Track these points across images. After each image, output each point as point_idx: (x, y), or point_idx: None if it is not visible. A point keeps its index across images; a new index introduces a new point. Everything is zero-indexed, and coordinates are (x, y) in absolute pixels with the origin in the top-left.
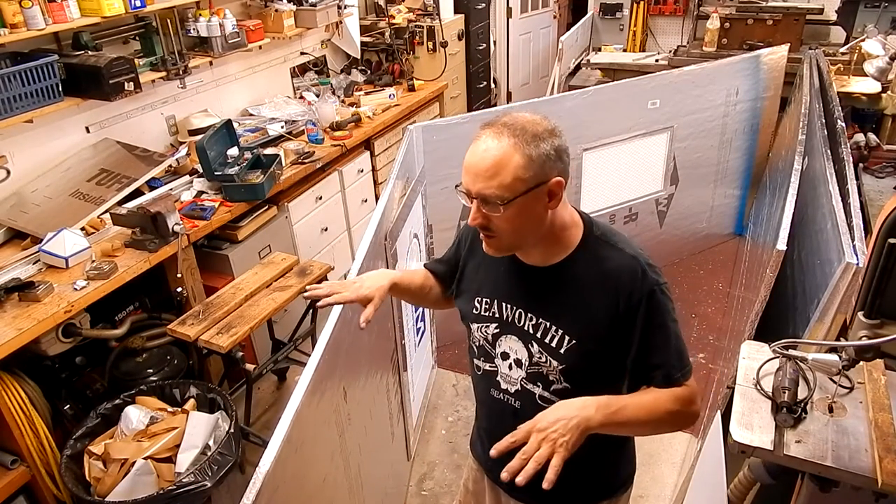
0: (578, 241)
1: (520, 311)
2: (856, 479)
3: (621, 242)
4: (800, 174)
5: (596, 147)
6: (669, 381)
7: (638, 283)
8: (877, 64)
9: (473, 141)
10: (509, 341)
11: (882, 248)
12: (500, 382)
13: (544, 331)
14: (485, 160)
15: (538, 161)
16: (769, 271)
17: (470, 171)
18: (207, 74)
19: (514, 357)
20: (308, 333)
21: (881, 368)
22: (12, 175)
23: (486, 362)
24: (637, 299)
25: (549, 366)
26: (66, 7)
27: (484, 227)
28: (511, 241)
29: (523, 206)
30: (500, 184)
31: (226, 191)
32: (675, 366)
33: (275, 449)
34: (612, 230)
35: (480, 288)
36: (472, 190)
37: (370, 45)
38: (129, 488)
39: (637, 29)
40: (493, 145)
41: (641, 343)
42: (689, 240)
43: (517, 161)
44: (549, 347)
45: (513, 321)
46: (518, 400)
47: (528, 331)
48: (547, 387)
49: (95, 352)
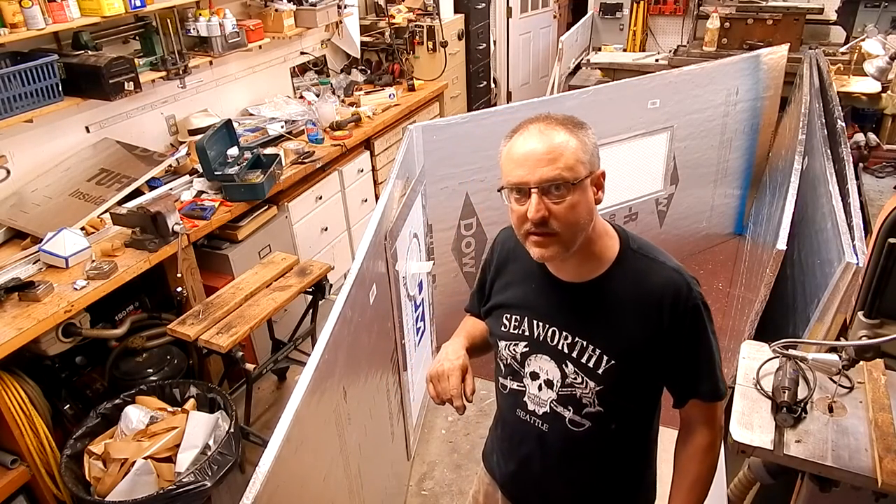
0: (615, 254)
1: (553, 329)
2: (856, 478)
3: (662, 255)
4: (800, 174)
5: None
6: (716, 394)
7: (683, 298)
8: (877, 64)
9: (514, 139)
10: (540, 361)
11: (882, 248)
12: (528, 403)
13: (580, 350)
14: (542, 147)
15: (591, 147)
16: (769, 271)
17: (526, 162)
18: (207, 74)
19: (544, 377)
20: (308, 333)
21: (881, 368)
22: (12, 175)
23: (514, 381)
24: (682, 315)
25: (585, 387)
26: (66, 7)
27: (543, 222)
28: (570, 236)
29: (583, 194)
30: (565, 165)
31: (226, 191)
32: (719, 378)
33: (275, 449)
34: (648, 243)
35: (510, 305)
36: (532, 179)
37: (370, 44)
38: (129, 488)
39: (637, 29)
40: (547, 133)
41: (688, 359)
42: (689, 240)
43: (575, 144)
44: (586, 368)
45: (545, 340)
46: (546, 423)
47: (563, 350)
48: (579, 410)
49: (95, 352)
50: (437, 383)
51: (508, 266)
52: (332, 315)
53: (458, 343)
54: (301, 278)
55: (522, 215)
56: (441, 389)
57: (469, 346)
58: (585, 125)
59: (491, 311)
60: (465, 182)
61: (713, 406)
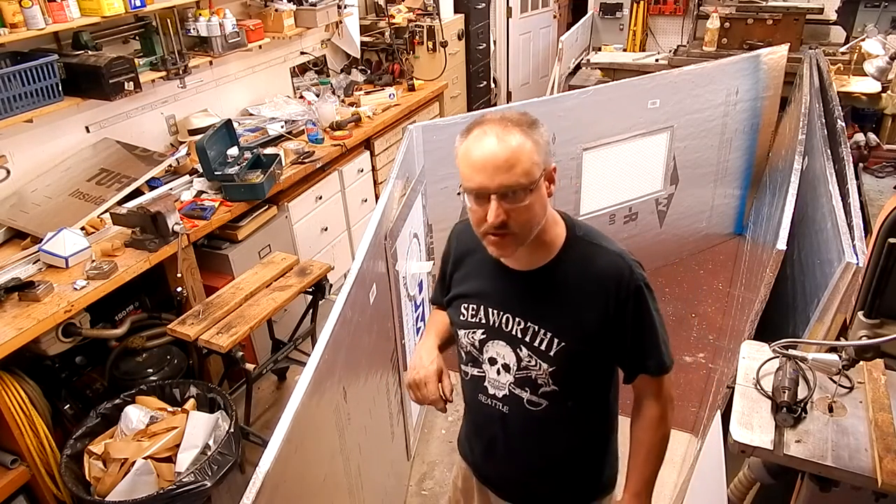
0: (562, 241)
1: (507, 315)
2: (856, 478)
3: (605, 241)
4: (800, 174)
5: (596, 147)
6: (662, 368)
7: (626, 281)
8: (877, 64)
9: (470, 141)
10: (497, 346)
11: (882, 248)
12: (488, 388)
13: (533, 335)
14: (499, 152)
15: (544, 146)
16: (769, 271)
17: (484, 168)
18: (207, 74)
19: (501, 362)
20: (308, 333)
21: (881, 368)
22: (12, 175)
23: (474, 367)
24: (625, 296)
25: (539, 369)
26: (66, 7)
27: (502, 225)
28: (526, 233)
29: (538, 193)
30: (522, 171)
31: (226, 190)
32: (664, 353)
33: (275, 449)
34: (593, 229)
35: (467, 295)
36: (492, 186)
37: (370, 44)
38: (129, 488)
39: (637, 29)
40: (502, 136)
41: (635, 338)
42: (689, 239)
43: (531, 147)
44: (539, 350)
45: (500, 326)
46: (506, 405)
47: (517, 335)
48: (535, 391)
49: (95, 351)
50: (417, 391)
51: (466, 258)
52: (332, 315)
53: (430, 343)
54: (301, 278)
55: (482, 217)
56: (421, 396)
57: (440, 343)
58: (538, 122)
59: (451, 302)
60: None
61: (660, 379)
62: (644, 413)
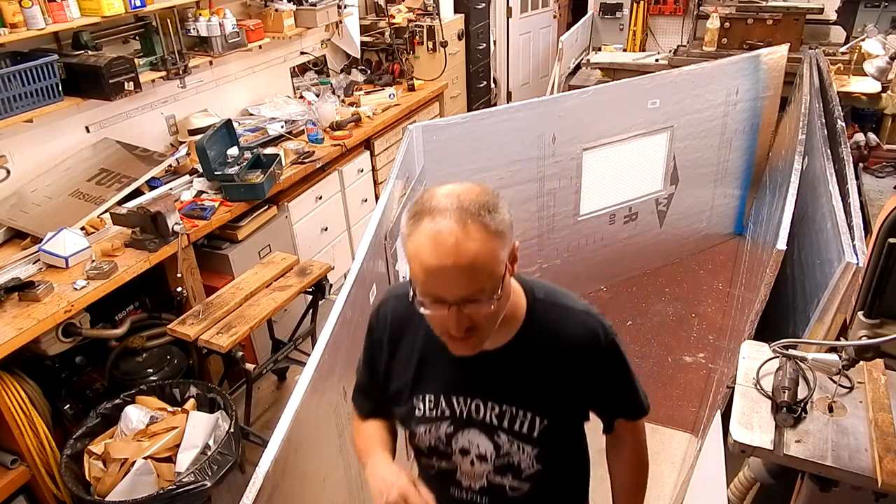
0: (524, 310)
1: (477, 402)
2: (856, 478)
3: (568, 298)
4: (800, 174)
5: (596, 147)
6: (641, 412)
7: (601, 342)
8: (877, 64)
9: (418, 237)
10: (469, 436)
11: (882, 248)
12: (462, 480)
13: (511, 418)
14: (460, 257)
15: (507, 230)
16: (769, 271)
17: (442, 277)
18: (207, 74)
19: (475, 452)
20: (308, 333)
21: (881, 368)
22: (12, 175)
23: (441, 460)
24: (605, 356)
25: (522, 453)
26: (66, 7)
27: (468, 329)
28: (493, 327)
29: (504, 290)
30: (488, 276)
31: (226, 190)
32: (642, 395)
33: (275, 449)
34: (551, 287)
35: (419, 386)
36: (451, 297)
37: (370, 44)
38: (129, 488)
39: (637, 29)
40: (461, 236)
41: (614, 391)
42: (689, 239)
43: (494, 244)
44: (521, 434)
45: (470, 415)
46: (484, 496)
47: (492, 422)
48: (518, 475)
49: (95, 352)
50: None
51: (405, 341)
52: (332, 315)
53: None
54: (301, 278)
55: (440, 321)
56: None
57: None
58: (498, 202)
59: (396, 399)
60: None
61: (640, 421)
62: (625, 457)
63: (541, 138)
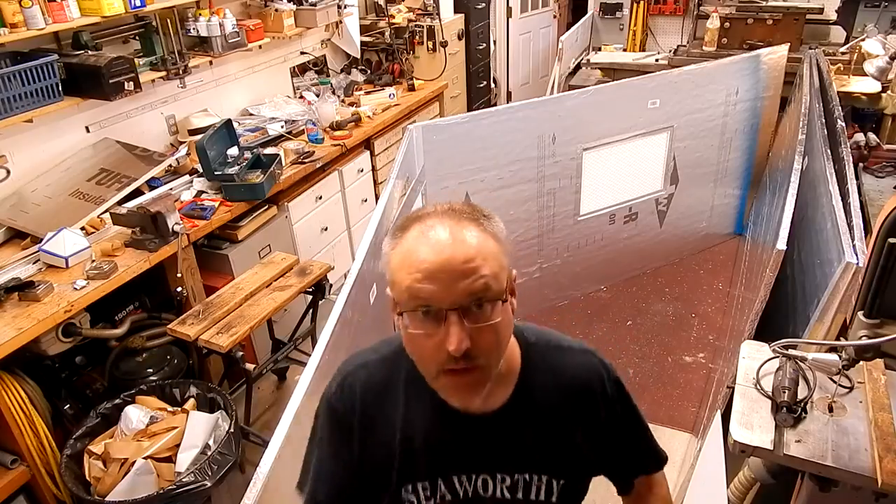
0: (519, 359)
1: (483, 478)
2: (856, 478)
3: (562, 339)
4: (800, 174)
5: (596, 147)
6: (661, 463)
7: (605, 378)
8: (877, 63)
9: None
10: None
11: (882, 248)
12: None
13: (525, 487)
14: (457, 250)
15: (506, 244)
16: (769, 271)
17: (439, 274)
18: (207, 74)
19: None
20: (308, 333)
21: (881, 368)
22: (12, 175)
23: None
24: (612, 396)
25: None
26: (66, 7)
27: (467, 354)
28: (494, 364)
29: (507, 310)
30: (491, 273)
31: (226, 190)
32: (658, 448)
33: (275, 449)
34: (538, 328)
35: (407, 472)
36: (449, 298)
37: (370, 44)
38: (129, 488)
39: (637, 28)
40: (457, 230)
41: (631, 441)
42: (689, 240)
43: (494, 245)
44: (538, 502)
45: (476, 494)
46: None
47: (504, 496)
48: None
49: (95, 351)
50: None
51: (378, 421)
52: (332, 315)
53: None
54: (301, 278)
55: (434, 348)
56: None
57: None
58: (493, 214)
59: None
60: (465, 182)
61: (661, 473)
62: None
63: (541, 138)
